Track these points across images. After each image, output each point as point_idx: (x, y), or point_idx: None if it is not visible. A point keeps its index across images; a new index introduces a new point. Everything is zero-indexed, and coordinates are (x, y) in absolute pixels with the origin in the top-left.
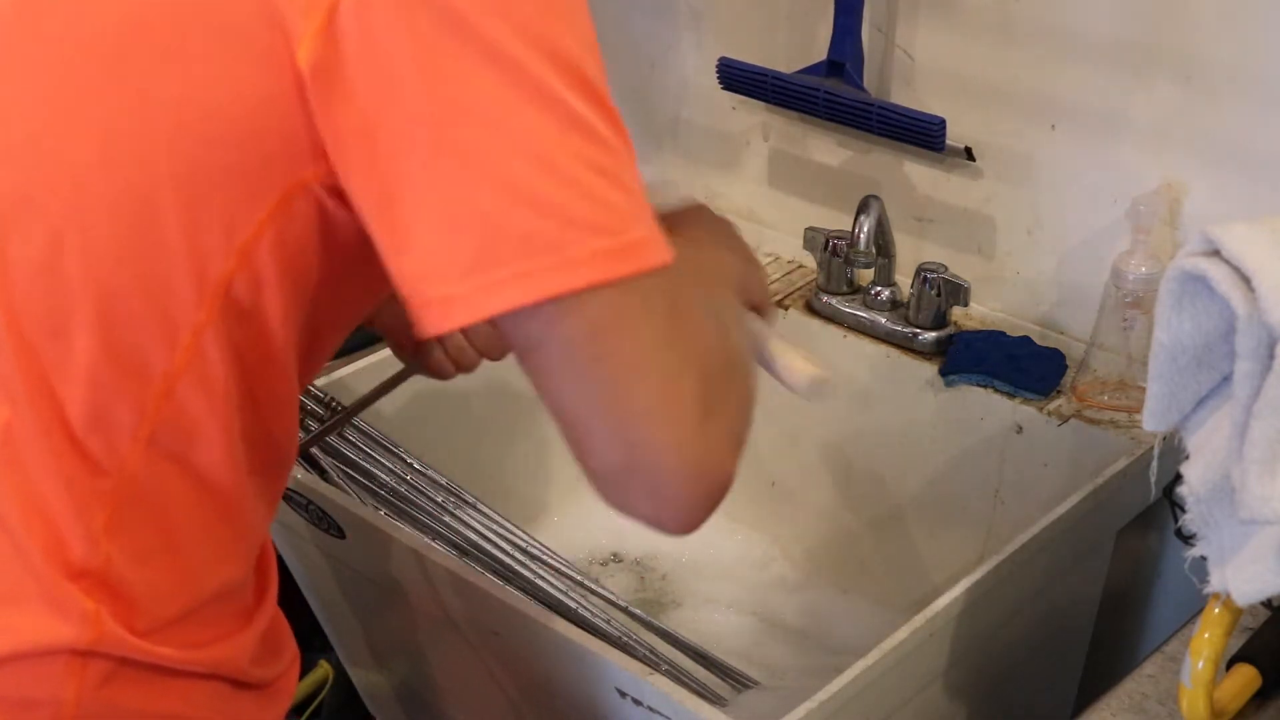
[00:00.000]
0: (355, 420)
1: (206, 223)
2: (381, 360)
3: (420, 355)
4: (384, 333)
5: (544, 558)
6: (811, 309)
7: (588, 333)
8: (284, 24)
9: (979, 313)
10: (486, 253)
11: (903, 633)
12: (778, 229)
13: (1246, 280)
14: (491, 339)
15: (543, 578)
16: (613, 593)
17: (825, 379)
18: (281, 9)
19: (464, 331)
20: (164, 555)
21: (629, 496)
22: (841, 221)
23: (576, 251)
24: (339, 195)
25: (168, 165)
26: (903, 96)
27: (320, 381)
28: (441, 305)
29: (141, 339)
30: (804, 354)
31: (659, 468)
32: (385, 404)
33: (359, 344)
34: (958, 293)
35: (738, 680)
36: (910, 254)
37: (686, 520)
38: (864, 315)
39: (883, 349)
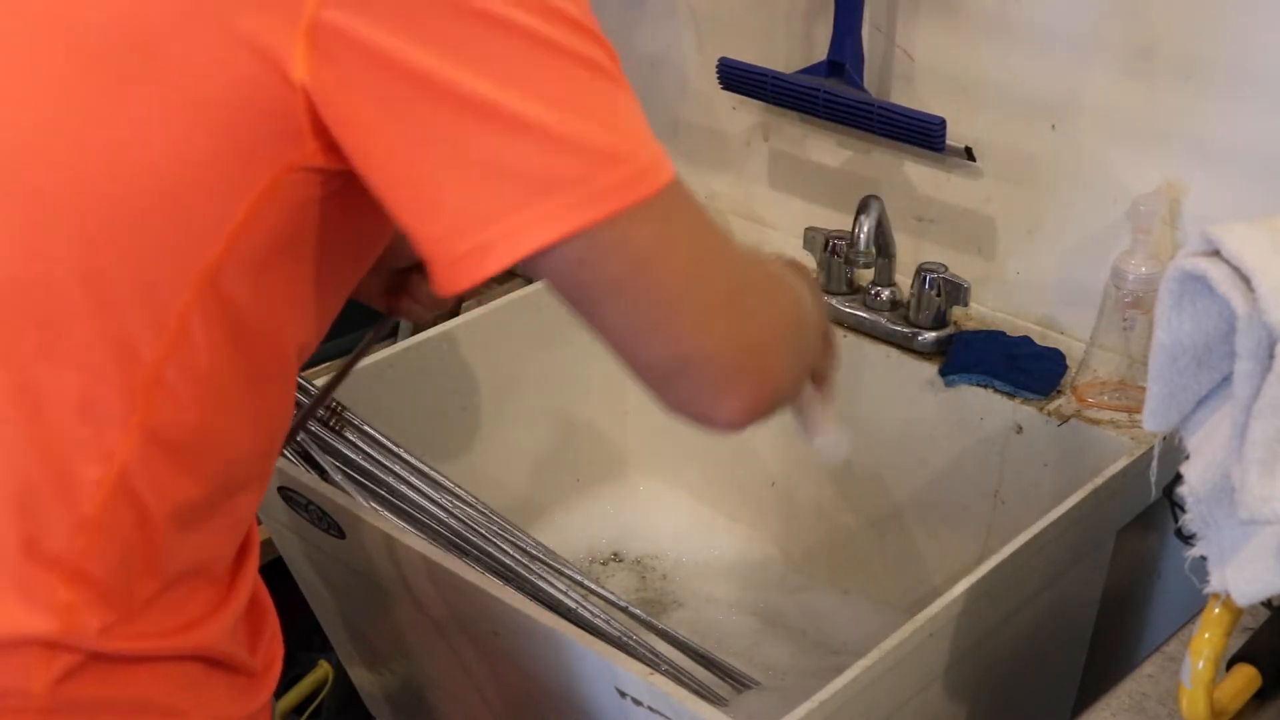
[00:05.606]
0: (356, 421)
1: (193, 210)
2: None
3: (394, 308)
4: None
5: (544, 558)
6: None
7: (630, 266)
8: (257, 40)
9: (979, 313)
10: (512, 198)
11: (903, 633)
12: (778, 229)
13: (1246, 280)
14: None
15: (543, 578)
16: (613, 593)
17: (844, 445)
18: (253, 30)
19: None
20: (143, 546)
21: (680, 398)
22: (841, 221)
23: (600, 183)
24: (332, 173)
25: (149, 157)
26: (903, 96)
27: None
28: (476, 254)
29: (130, 325)
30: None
31: (705, 371)
32: (384, 403)
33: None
34: (958, 293)
35: (738, 680)
36: (910, 254)
37: (737, 417)
38: (864, 315)
39: (883, 349)
